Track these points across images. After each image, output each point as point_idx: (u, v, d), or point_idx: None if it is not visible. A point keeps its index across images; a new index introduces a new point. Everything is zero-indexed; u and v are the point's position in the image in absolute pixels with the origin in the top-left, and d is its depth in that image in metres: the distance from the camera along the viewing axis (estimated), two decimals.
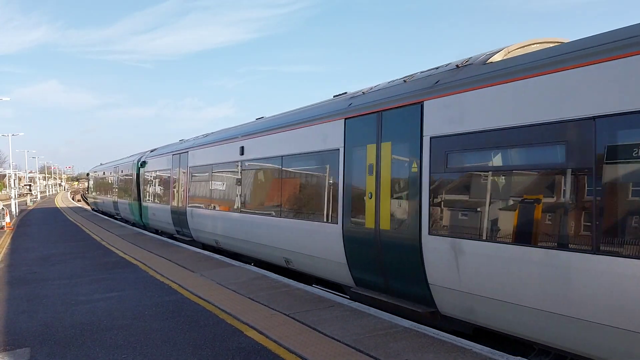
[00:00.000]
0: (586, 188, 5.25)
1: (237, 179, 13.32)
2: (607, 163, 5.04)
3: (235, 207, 13.25)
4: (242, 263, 12.52)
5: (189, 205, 16.56)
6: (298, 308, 7.97)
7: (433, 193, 6.98)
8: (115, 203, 31.25)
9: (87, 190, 53.28)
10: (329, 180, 9.23)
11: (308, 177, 10.14)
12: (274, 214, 11.17)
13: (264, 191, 12.00)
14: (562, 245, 5.39)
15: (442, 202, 6.94)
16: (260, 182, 12.23)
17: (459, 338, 6.37)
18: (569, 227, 5.38)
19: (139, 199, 24.36)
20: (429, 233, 6.98)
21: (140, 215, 24.13)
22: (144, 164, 23.44)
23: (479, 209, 6.39)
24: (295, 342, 6.35)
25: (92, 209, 44.06)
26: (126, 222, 28.57)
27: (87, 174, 50.03)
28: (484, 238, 6.22)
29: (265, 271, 11.27)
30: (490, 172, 6.29)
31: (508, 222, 6.03)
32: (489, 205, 6.27)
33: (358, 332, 6.64)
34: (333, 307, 7.98)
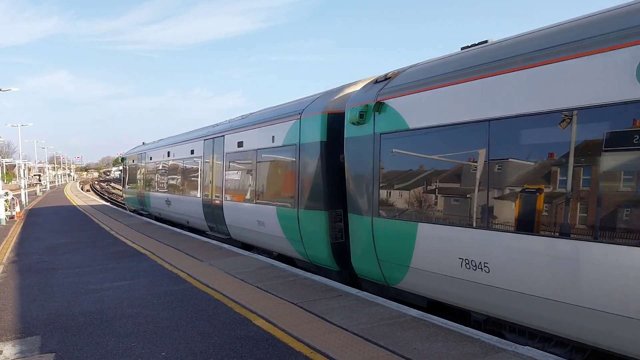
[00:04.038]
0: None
1: None
2: None
3: None
4: (250, 252, 12.55)
5: None
6: (306, 297, 7.99)
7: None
8: (213, 210, 15.41)
9: (122, 182, 35.22)
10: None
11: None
12: None
13: None
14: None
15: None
16: None
17: (467, 327, 6.36)
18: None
19: (362, 206, 8.76)
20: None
21: (365, 254, 8.70)
22: (396, 110, 8.00)
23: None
24: (303, 331, 6.37)
25: (132, 210, 29.37)
26: (230, 243, 14.32)
27: (121, 160, 33.69)
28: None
29: (273, 260, 11.29)
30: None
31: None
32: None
33: (366, 322, 6.65)
34: (341, 296, 7.99)
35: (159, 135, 29.09)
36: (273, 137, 11.84)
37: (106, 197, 56.10)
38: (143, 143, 28.99)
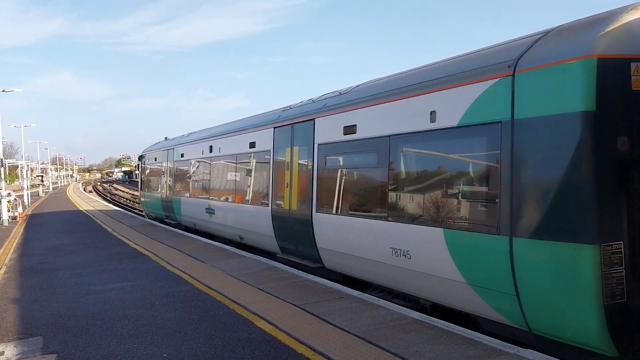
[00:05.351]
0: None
1: None
2: None
3: None
4: (252, 254, 12.54)
5: None
6: (307, 299, 7.99)
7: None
8: (293, 225, 11.07)
9: (139, 185, 30.24)
10: None
11: None
12: None
13: None
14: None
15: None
16: None
17: (470, 330, 6.35)
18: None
19: None
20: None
21: None
22: None
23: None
24: (305, 333, 6.36)
25: (152, 218, 25.03)
26: None
27: (139, 157, 29.18)
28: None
29: (275, 262, 11.29)
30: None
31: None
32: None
33: (368, 324, 6.64)
34: (342, 298, 7.98)
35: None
36: (432, 113, 7.28)
37: (109, 198, 56.25)
38: (165, 138, 24.79)
